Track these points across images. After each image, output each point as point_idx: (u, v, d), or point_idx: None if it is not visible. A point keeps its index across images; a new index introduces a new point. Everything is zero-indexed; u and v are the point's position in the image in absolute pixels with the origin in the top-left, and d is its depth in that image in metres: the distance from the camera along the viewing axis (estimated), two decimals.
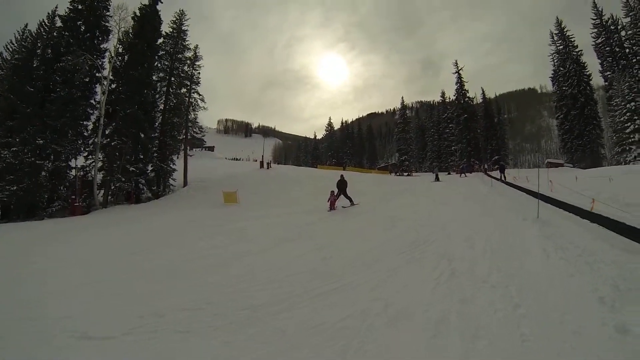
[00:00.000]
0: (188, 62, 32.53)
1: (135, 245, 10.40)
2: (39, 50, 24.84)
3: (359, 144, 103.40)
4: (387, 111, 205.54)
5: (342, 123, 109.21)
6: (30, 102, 22.97)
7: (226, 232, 10.97)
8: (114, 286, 6.27)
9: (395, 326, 3.46)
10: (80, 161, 26.02)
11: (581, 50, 47.52)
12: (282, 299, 4.73)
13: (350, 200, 16.49)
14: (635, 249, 4.99)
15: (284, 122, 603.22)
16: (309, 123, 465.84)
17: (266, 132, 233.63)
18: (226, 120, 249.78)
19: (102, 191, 25.54)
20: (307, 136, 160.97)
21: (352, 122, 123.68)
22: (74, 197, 23.82)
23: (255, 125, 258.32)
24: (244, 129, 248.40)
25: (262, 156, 51.42)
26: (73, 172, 25.42)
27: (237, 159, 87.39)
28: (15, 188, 21.68)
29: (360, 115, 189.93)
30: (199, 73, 33.07)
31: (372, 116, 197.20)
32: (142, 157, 27.32)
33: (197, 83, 32.80)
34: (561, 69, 48.02)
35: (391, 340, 3.23)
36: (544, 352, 2.69)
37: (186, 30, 32.44)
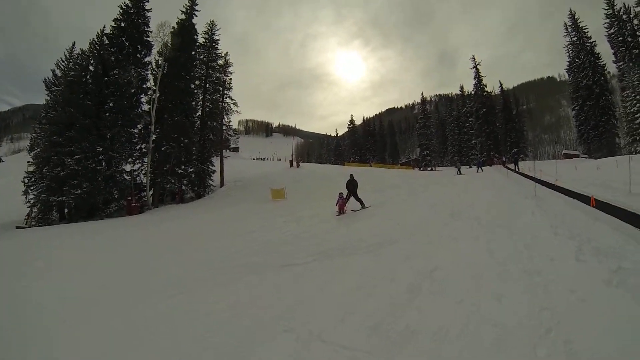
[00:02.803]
0: (219, 69, 36.91)
1: (232, 230, 14.57)
2: (91, 67, 28.93)
3: (380, 140, 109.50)
4: (405, 106, 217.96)
5: (363, 120, 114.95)
6: (86, 114, 26.96)
7: (305, 218, 15.13)
8: (263, 249, 10.25)
9: (456, 241, 7.75)
10: (128, 165, 30.28)
11: (595, 41, 51.36)
12: (388, 240, 8.97)
13: (362, 202, 16.37)
14: (589, 211, 9.18)
15: (303, 120, 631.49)
16: (328, 120, 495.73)
17: (287, 131, 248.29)
18: (247, 120, 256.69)
19: (151, 192, 29.90)
20: (328, 134, 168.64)
21: (372, 118, 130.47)
22: (129, 198, 27.84)
23: (275, 124, 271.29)
24: (264, 129, 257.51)
25: (292, 155, 56.47)
26: (124, 175, 29.59)
27: (261, 159, 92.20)
28: (79, 192, 25.60)
29: (380, 111, 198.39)
30: (231, 79, 37.69)
31: (391, 111, 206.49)
32: (184, 160, 31.51)
33: (229, 88, 37.38)
34: (576, 60, 52.00)
35: (456, 243, 7.52)
36: (520, 243, 6.87)
37: (218, 40, 36.97)
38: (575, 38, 52.78)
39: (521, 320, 3.83)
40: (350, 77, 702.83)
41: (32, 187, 26.85)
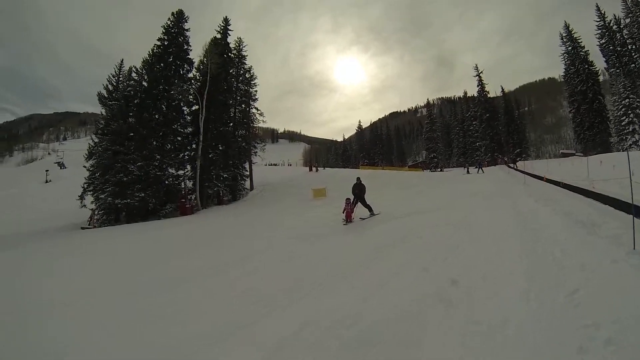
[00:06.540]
0: (246, 82, 45.16)
1: (306, 215, 22.48)
2: (144, 83, 36.31)
3: (387, 144, 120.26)
4: (408, 110, 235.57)
5: (370, 123, 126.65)
6: (144, 125, 33.97)
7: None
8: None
9: (475, 207, 16.11)
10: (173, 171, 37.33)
11: (588, 50, 60.92)
12: (434, 209, 17.16)
13: (370, 209, 16.69)
14: (548, 185, 17.78)
15: (306, 126, 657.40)
16: (329, 126, 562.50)
17: (292, 136, 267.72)
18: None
19: (196, 195, 36.69)
20: (333, 138, 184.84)
21: (377, 122, 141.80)
22: (182, 200, 34.40)
23: (280, 130, 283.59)
24: (270, 135, 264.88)
25: (311, 160, 65.05)
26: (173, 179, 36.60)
27: (274, 165, 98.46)
28: (143, 195, 32.32)
29: (383, 115, 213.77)
30: (256, 91, 46.02)
31: (394, 115, 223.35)
32: (222, 166, 39.08)
33: (255, 100, 45.86)
34: (571, 68, 61.50)
35: (475, 207, 15.87)
36: (511, 202, 15.27)
37: (245, 55, 45.31)
38: (570, 47, 62.13)
39: (511, 218, 12.20)
40: (349, 83, 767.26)
41: (91, 191, 33.25)
